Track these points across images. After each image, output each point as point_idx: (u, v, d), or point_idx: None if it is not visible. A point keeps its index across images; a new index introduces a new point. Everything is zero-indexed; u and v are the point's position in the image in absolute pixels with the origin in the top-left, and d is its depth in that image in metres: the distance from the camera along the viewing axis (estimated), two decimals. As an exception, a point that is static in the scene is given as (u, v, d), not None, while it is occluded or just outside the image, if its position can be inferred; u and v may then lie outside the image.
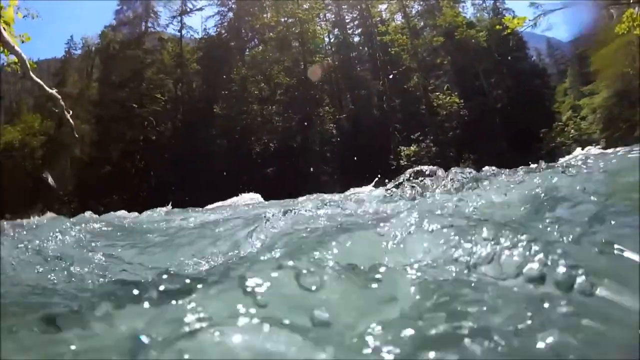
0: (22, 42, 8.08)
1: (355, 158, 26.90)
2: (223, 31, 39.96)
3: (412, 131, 27.63)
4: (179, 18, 40.17)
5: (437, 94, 29.80)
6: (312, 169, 28.12)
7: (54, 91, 9.25)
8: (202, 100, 36.67)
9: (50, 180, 27.78)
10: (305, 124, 29.98)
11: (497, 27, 20.28)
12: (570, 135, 26.04)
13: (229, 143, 32.98)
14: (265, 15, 37.17)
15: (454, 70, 32.02)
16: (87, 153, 44.29)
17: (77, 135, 35.12)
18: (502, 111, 29.57)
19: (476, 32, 30.81)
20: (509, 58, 30.33)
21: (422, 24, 35.72)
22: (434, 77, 32.06)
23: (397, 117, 29.99)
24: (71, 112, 9.68)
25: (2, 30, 7.18)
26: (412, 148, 26.76)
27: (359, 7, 38.17)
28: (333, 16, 39.21)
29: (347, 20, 39.38)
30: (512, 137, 26.67)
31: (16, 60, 8.10)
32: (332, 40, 38.53)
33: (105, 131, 40.88)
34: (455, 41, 31.13)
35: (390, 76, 31.80)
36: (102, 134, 41.52)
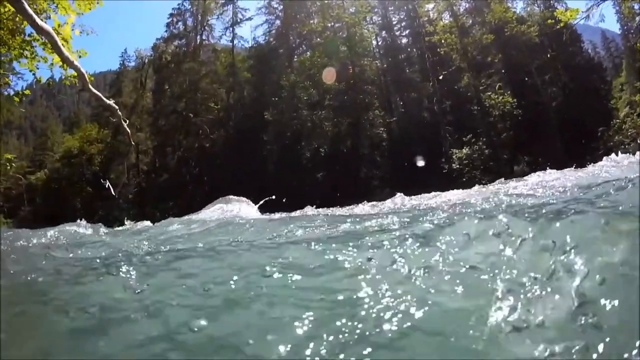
0: (80, 57, 8.31)
1: (406, 162, 27.36)
2: (272, 39, 41.68)
3: (464, 133, 27.29)
4: (231, 29, 42.33)
5: (489, 93, 29.26)
6: (362, 174, 28.80)
7: (111, 102, 9.49)
8: (253, 108, 38.09)
9: (109, 186, 29.52)
10: (355, 128, 30.47)
11: (549, 21, 20.06)
12: (629, 134, 25.11)
13: (279, 148, 33.85)
14: (312, 21, 38.20)
15: (506, 69, 31.33)
16: (145, 161, 47.16)
17: (133, 143, 37.41)
18: (557, 110, 28.92)
19: (527, 27, 29.88)
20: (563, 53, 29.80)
21: (470, 21, 35.12)
22: (485, 76, 31.39)
23: (448, 119, 29.85)
24: (127, 121, 10.09)
25: (62, 47, 7.49)
26: (464, 151, 26.32)
27: (405, 7, 38.41)
28: (380, 19, 39.76)
29: (394, 22, 39.83)
30: (569, 137, 25.94)
31: (75, 74, 8.47)
32: (379, 43, 39.23)
33: (163, 140, 43.53)
34: (505, 38, 30.56)
35: (440, 77, 31.40)
36: (159, 142, 44.26)
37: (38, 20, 6.69)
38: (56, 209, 54.51)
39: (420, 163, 24.96)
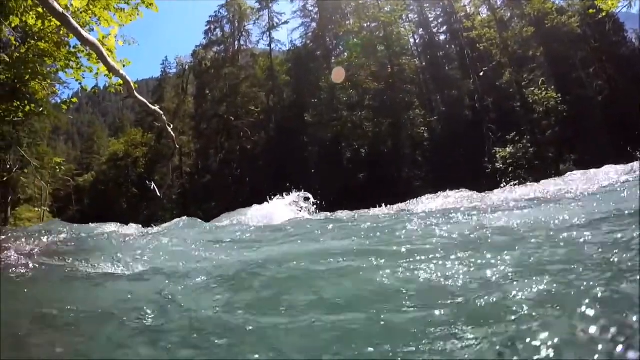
0: (124, 65, 8.58)
1: (448, 162, 27.14)
2: (309, 41, 42.17)
3: (507, 131, 26.58)
4: (268, 33, 43.14)
5: (532, 89, 28.33)
6: (403, 174, 28.73)
7: (156, 107, 9.65)
8: (292, 110, 38.67)
9: (154, 187, 30.55)
10: (396, 128, 30.38)
11: (590, 10, 19.48)
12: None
13: (320, 150, 34.29)
14: (348, 22, 38.25)
15: (548, 62, 30.44)
16: (189, 164, 48.66)
17: (177, 146, 38.39)
18: (604, 104, 27.69)
19: (568, 18, 28.83)
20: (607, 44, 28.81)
21: (509, 14, 34.55)
22: (527, 71, 30.41)
23: (490, 117, 29.28)
24: (172, 125, 10.23)
25: (108, 58, 7.73)
26: (507, 149, 25.62)
27: (441, 3, 37.98)
28: (416, 16, 39.41)
29: (430, 19, 39.46)
30: (617, 132, 24.48)
31: (121, 82, 8.75)
32: (417, 41, 39.05)
33: (205, 143, 44.87)
34: (546, 30, 29.61)
35: (481, 73, 31.11)
36: (202, 145, 45.65)
37: (84, 33, 7.02)
38: (103, 209, 56.81)
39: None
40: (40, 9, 8.07)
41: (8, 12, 8.19)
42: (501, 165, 24.92)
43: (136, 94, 8.47)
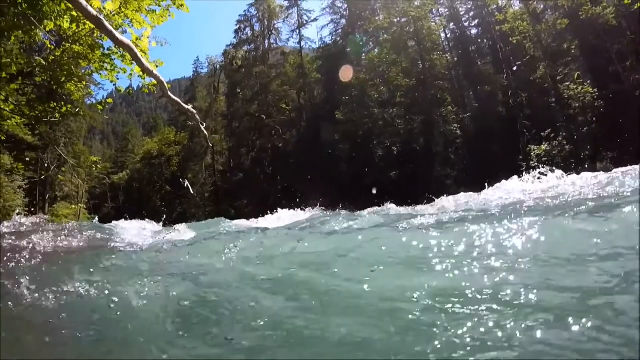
0: (157, 66, 8.70)
1: (481, 160, 26.74)
2: (338, 38, 42.40)
3: (542, 128, 25.95)
4: (298, 31, 43.60)
5: (567, 84, 27.11)
6: (435, 172, 28.42)
7: (189, 107, 9.81)
8: (324, 107, 39.03)
9: (187, 185, 31.31)
10: (428, 125, 30.18)
11: (626, 0, 19.09)
12: None
13: (351, 147, 34.42)
14: (377, 18, 38.14)
15: (584, 56, 29.65)
16: (221, 162, 49.68)
17: (210, 145, 39.25)
18: None
19: (602, 9, 27.01)
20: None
21: (542, 6, 33.72)
22: (562, 65, 29.07)
23: (524, 113, 28.69)
24: (205, 124, 10.38)
25: (142, 59, 7.90)
26: (542, 147, 25.00)
27: None
28: (447, 10, 38.77)
29: (461, 12, 38.62)
30: None
31: (154, 83, 8.94)
32: (448, 36, 38.60)
33: (237, 141, 45.75)
34: (580, 22, 28.88)
35: (514, 68, 30.57)
36: (234, 144, 46.56)
37: (118, 35, 7.24)
38: (137, 206, 58.52)
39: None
40: (74, 13, 8.35)
41: (42, 16, 8.36)
42: (536, 163, 23.37)
43: (170, 93, 8.75)
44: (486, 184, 7.99)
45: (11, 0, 7.85)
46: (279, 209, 10.39)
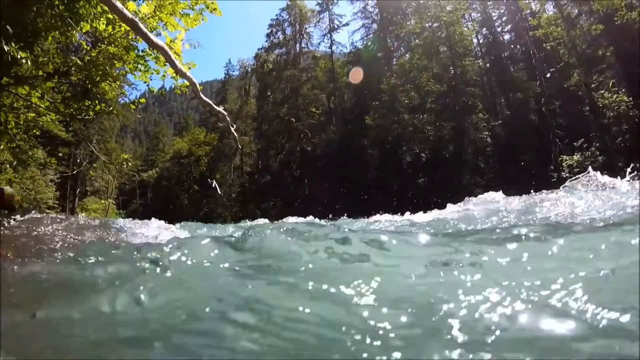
0: (190, 68, 9.00)
1: (511, 169, 26.55)
2: (369, 43, 42.66)
3: (575, 137, 25.49)
4: (329, 35, 44.14)
5: (602, 91, 26.51)
6: (464, 181, 28.10)
7: (220, 108, 10.06)
8: (353, 112, 39.26)
9: (215, 185, 31.63)
10: (458, 132, 29.93)
11: None
12: None
13: (380, 153, 34.52)
14: (409, 23, 38.14)
15: (619, 63, 28.97)
16: (249, 163, 50.50)
17: (240, 146, 39.88)
18: None
19: (638, 14, 26.19)
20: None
21: (576, 11, 33.11)
22: (597, 72, 28.38)
23: (557, 121, 28.34)
24: (235, 126, 10.65)
25: (175, 60, 8.23)
26: (574, 157, 24.44)
27: (505, 1, 36.71)
28: (479, 15, 38.52)
29: (494, 17, 38.36)
30: None
31: (187, 84, 9.32)
32: (480, 41, 38.32)
33: (266, 144, 46.50)
34: (616, 27, 28.05)
35: (548, 75, 30.16)
36: (263, 146, 47.32)
37: (152, 37, 7.72)
38: (165, 204, 60.06)
39: None
40: (110, 15, 8.76)
41: (79, 18, 8.71)
42: (567, 174, 22.79)
43: (202, 95, 9.24)
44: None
45: (49, 2, 8.21)
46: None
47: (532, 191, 7.29)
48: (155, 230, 6.16)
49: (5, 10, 7.49)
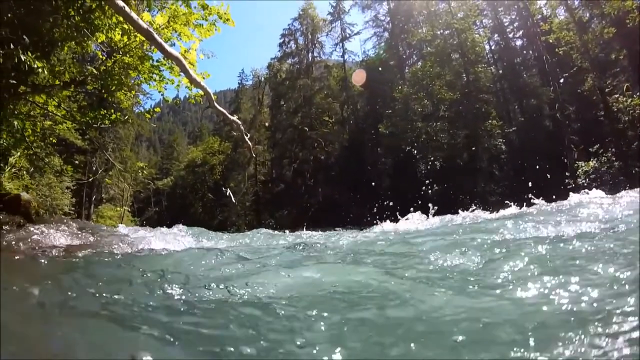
0: (204, 78, 8.94)
1: (526, 176, 25.81)
2: (381, 51, 42.88)
3: (590, 143, 25.02)
4: (341, 44, 44.48)
5: (616, 96, 25.97)
6: (479, 188, 27.97)
7: (235, 117, 10.04)
8: (366, 121, 39.52)
9: (229, 194, 31.87)
10: (472, 140, 29.67)
11: None
12: None
13: (394, 161, 34.51)
14: (420, 31, 38.24)
15: (633, 66, 28.76)
16: (263, 172, 50.90)
17: (254, 155, 39.98)
18: None
19: None
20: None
21: (587, 15, 32.87)
22: (610, 76, 28.21)
23: (572, 127, 28.10)
24: (249, 135, 10.54)
25: (190, 70, 8.31)
26: (590, 163, 23.90)
27: (516, 6, 36.49)
28: (490, 21, 38.40)
29: (505, 23, 38.28)
30: None
31: (201, 94, 9.34)
32: (492, 47, 38.28)
33: (280, 153, 46.86)
34: (628, 30, 27.72)
35: (561, 80, 29.98)
36: (277, 155, 47.69)
37: (167, 47, 7.75)
38: (180, 212, 60.64)
39: None
40: (125, 26, 8.78)
41: (94, 28, 8.80)
42: (584, 181, 23.27)
43: (216, 104, 9.23)
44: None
45: (65, 13, 8.32)
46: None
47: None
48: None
49: (22, 21, 7.65)
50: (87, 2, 8.48)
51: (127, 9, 6.79)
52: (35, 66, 7.32)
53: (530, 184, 24.11)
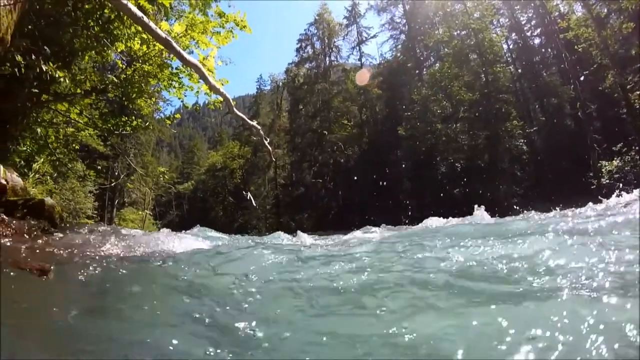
0: (223, 84, 8.97)
1: (548, 177, 26.14)
2: (398, 54, 42.96)
3: (613, 141, 24.47)
4: (357, 48, 44.66)
5: (638, 92, 25.33)
6: (501, 190, 27.59)
7: (254, 122, 10.11)
8: (385, 123, 39.52)
9: (249, 197, 32.22)
10: (492, 141, 29.51)
11: None
12: None
13: (413, 164, 34.31)
14: (437, 32, 38.25)
15: None
16: (283, 176, 51.34)
17: (274, 159, 40.26)
18: None
19: None
20: None
21: (605, 10, 32.20)
22: (631, 72, 27.14)
23: (594, 126, 27.59)
24: (268, 139, 10.61)
25: (209, 77, 8.26)
26: (614, 162, 23.42)
27: (532, 4, 36.08)
28: (507, 20, 38.03)
29: (523, 22, 37.83)
30: None
31: (220, 100, 9.48)
32: (511, 47, 37.89)
33: (299, 156, 47.23)
34: None
35: (581, 78, 29.44)
36: (296, 158, 48.08)
37: (186, 55, 7.78)
38: (200, 215, 61.44)
39: None
40: (144, 35, 8.96)
41: (114, 38, 9.03)
42: (607, 181, 22.96)
43: (235, 110, 9.29)
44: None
45: (84, 24, 8.61)
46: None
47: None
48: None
49: (42, 32, 7.93)
50: (106, 12, 8.79)
51: (145, 18, 6.91)
52: (57, 75, 7.70)
53: (552, 185, 24.21)
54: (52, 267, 3.07)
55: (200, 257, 4.24)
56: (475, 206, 8.85)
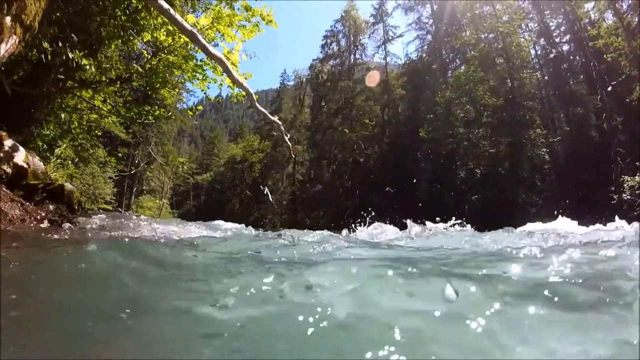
0: (246, 79, 9.08)
1: (569, 189, 25.57)
2: (424, 54, 42.86)
3: (638, 157, 23.43)
4: (383, 47, 44.72)
5: None
6: (520, 200, 27.29)
7: (275, 118, 10.23)
8: (407, 124, 39.60)
9: (267, 192, 32.66)
10: (514, 148, 29.11)
11: None
12: None
13: (433, 167, 34.20)
14: (464, 34, 37.74)
15: None
16: (301, 172, 51.77)
17: (293, 155, 40.87)
18: None
19: None
20: None
21: (636, 20, 31.49)
22: None
23: (619, 138, 26.77)
24: (289, 135, 10.68)
25: (232, 71, 8.41)
26: (636, 178, 22.55)
27: (562, 10, 35.19)
28: (536, 25, 37.31)
29: (552, 27, 37.04)
30: None
31: (243, 93, 9.52)
32: (538, 53, 37.29)
33: (319, 153, 47.59)
34: None
35: (609, 88, 28.95)
36: (316, 155, 48.43)
37: (210, 48, 7.98)
38: (217, 206, 62.39)
39: None
40: (170, 27, 9.11)
41: (140, 28, 9.32)
42: (629, 196, 22.40)
43: (257, 104, 9.40)
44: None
45: (112, 13, 8.94)
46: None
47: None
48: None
49: (70, 20, 8.30)
50: (133, 3, 9.11)
51: (171, 10, 7.09)
52: (83, 63, 8.11)
53: (572, 197, 23.87)
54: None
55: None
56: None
